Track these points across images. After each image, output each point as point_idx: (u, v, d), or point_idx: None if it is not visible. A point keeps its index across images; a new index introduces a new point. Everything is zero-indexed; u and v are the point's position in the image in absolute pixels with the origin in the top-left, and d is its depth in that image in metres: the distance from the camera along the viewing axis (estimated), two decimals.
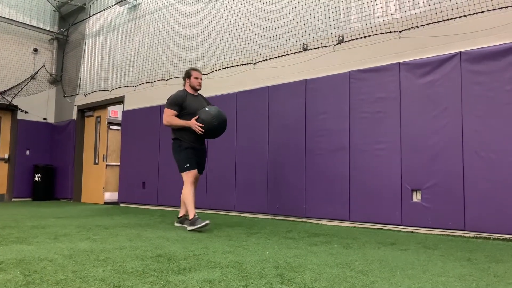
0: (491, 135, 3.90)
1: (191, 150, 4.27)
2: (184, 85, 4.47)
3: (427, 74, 4.33)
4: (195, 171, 4.27)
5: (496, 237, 3.77)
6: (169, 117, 4.25)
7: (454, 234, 4.01)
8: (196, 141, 4.30)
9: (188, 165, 4.24)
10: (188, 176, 4.24)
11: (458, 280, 2.15)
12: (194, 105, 4.33)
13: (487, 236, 3.81)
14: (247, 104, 5.94)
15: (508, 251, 3.11)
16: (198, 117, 4.19)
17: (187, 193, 4.20)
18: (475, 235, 3.88)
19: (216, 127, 4.20)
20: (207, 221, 4.04)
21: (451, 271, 2.38)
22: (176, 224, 4.54)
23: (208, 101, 4.64)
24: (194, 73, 4.43)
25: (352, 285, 2.02)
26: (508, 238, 3.71)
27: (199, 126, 4.14)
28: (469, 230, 3.94)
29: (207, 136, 4.29)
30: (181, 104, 4.28)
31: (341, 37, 5.10)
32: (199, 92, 4.54)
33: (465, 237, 3.86)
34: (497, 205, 3.81)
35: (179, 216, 4.52)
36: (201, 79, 4.48)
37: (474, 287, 2.01)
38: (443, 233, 4.08)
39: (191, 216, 4.12)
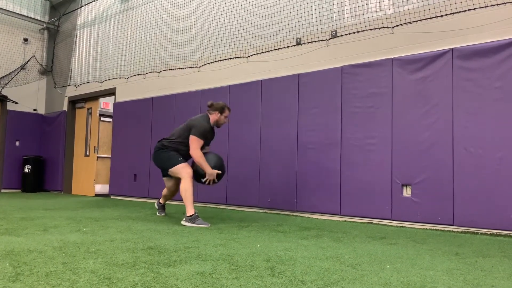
0: (480, 131, 3.95)
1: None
2: (211, 114, 4.29)
3: (419, 70, 4.35)
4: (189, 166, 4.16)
5: (483, 232, 3.83)
6: (201, 157, 4.04)
7: (442, 229, 4.06)
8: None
9: (181, 158, 4.18)
10: (185, 169, 4.09)
11: (446, 274, 2.18)
12: (208, 140, 4.34)
13: (475, 231, 3.86)
14: (239, 97, 5.93)
15: (495, 245, 3.16)
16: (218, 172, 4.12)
17: (188, 188, 4.00)
18: (463, 230, 3.93)
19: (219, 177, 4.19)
20: (208, 224, 3.95)
21: (439, 265, 2.41)
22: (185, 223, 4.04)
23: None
24: (227, 112, 4.34)
25: (342, 278, 2.04)
26: (495, 233, 3.77)
27: (214, 179, 4.10)
28: (458, 225, 3.99)
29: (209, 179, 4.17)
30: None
31: (334, 32, 5.10)
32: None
33: (453, 232, 3.92)
34: (485, 200, 3.86)
35: (188, 214, 4.01)
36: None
37: (462, 281, 2.04)
38: (432, 227, 4.13)
39: (190, 213, 3.97)
